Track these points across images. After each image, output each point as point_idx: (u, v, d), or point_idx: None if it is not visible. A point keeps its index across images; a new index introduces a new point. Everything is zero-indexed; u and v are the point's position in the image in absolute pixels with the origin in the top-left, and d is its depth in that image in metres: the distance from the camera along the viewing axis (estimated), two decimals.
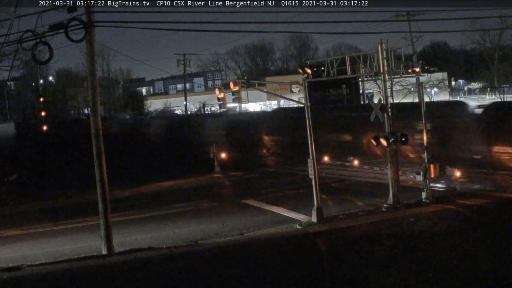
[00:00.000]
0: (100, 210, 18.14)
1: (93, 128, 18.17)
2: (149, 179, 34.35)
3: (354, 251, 17.06)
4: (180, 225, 22.01)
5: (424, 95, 26.89)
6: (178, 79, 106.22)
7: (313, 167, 20.94)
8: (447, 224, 19.17)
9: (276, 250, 17.87)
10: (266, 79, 79.55)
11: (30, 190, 32.65)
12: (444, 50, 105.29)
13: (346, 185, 28.76)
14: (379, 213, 21.66)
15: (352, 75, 24.95)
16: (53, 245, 19.74)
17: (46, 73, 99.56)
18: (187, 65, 76.24)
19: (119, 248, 18.28)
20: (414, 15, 56.59)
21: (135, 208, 25.96)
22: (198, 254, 17.71)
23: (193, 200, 27.37)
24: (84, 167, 31.31)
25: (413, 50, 62.70)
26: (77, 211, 26.03)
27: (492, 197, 22.75)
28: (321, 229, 19.74)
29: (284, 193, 27.69)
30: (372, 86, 64.00)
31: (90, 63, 18.27)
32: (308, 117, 21.27)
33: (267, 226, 20.82)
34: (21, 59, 37.14)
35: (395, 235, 18.37)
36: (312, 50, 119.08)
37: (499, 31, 71.79)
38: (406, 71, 23.62)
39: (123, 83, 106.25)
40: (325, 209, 21.17)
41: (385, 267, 15.36)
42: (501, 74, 74.15)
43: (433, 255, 16.10)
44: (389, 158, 22.47)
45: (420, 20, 56.79)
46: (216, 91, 23.92)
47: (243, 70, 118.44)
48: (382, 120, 22.36)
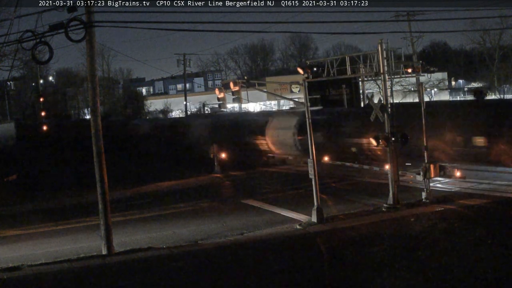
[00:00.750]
0: (100, 210, 18.15)
1: (93, 128, 18.18)
2: (149, 179, 34.39)
3: (354, 251, 17.04)
4: (180, 225, 22.01)
5: (424, 95, 26.87)
6: (178, 79, 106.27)
7: (313, 167, 20.94)
8: (447, 224, 19.16)
9: (276, 250, 17.86)
10: (266, 79, 79.56)
11: (30, 190, 32.68)
12: (444, 50, 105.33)
13: (346, 185, 28.76)
14: (379, 213, 21.66)
15: (352, 75, 24.98)
16: (53, 245, 19.75)
17: (46, 73, 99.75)
18: (187, 65, 76.29)
19: (119, 248, 18.28)
20: (414, 15, 56.67)
21: (135, 208, 25.98)
22: (198, 254, 17.71)
23: (193, 200, 27.38)
24: (84, 167, 31.38)
25: (413, 50, 62.78)
26: (77, 211, 26.06)
27: (492, 197, 22.76)
28: (321, 229, 19.75)
29: (284, 193, 27.70)
30: (372, 86, 64.02)
31: (90, 63, 18.28)
32: (308, 117, 21.26)
33: (267, 226, 20.83)
34: (21, 59, 37.26)
35: (395, 235, 18.37)
36: (312, 50, 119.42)
37: (499, 31, 71.82)
38: (406, 71, 23.63)
39: (123, 83, 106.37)
40: (325, 209, 21.18)
41: (385, 267, 15.34)
42: (501, 74, 74.14)
43: (433, 255, 16.08)
44: (389, 158, 22.48)
45: (420, 20, 56.95)
46: (216, 91, 23.93)
47: (243, 70, 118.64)
48: (382, 120, 22.36)
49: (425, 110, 23.47)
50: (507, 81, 74.53)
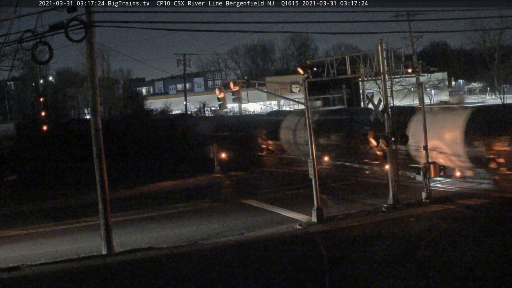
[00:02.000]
0: (100, 210, 18.13)
1: (93, 128, 18.16)
2: (149, 179, 34.37)
3: (354, 251, 17.04)
4: (180, 225, 22.00)
5: (424, 95, 26.87)
6: (178, 79, 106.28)
7: (313, 167, 20.94)
8: (447, 224, 19.16)
9: (276, 250, 17.87)
10: (266, 79, 79.64)
11: (30, 190, 32.69)
12: (444, 50, 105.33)
13: (346, 185, 28.76)
14: (379, 213, 21.65)
15: (352, 75, 24.96)
16: (53, 245, 19.73)
17: (46, 73, 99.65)
18: (187, 65, 76.28)
19: (119, 248, 18.27)
20: (414, 15, 56.63)
21: (135, 208, 25.96)
22: (198, 254, 17.70)
23: (193, 200, 27.38)
24: (84, 167, 31.36)
25: (413, 50, 62.78)
26: (77, 211, 26.04)
27: (492, 197, 22.77)
28: (321, 229, 19.74)
29: (284, 193, 27.69)
30: (372, 86, 64.04)
31: (90, 63, 18.27)
32: (308, 117, 21.27)
33: (267, 226, 20.82)
34: (21, 59, 37.32)
35: (395, 235, 18.37)
36: (312, 50, 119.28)
37: (499, 31, 71.75)
38: (406, 71, 23.62)
39: (123, 83, 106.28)
40: (325, 209, 21.16)
41: (385, 267, 15.35)
42: (501, 74, 74.12)
43: (433, 255, 16.09)
44: (389, 158, 22.48)
45: (420, 20, 56.94)
46: (216, 91, 23.90)
47: (243, 70, 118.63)
48: (382, 120, 22.37)
49: (424, 111, 23.50)
50: (507, 81, 74.54)
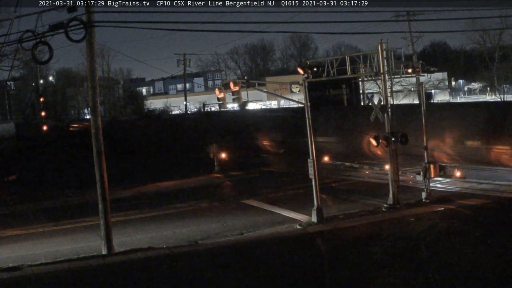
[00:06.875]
0: (100, 210, 18.13)
1: (93, 128, 18.16)
2: (149, 179, 34.36)
3: (354, 251, 17.05)
4: (180, 225, 22.00)
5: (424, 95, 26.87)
6: (178, 79, 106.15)
7: (313, 167, 20.93)
8: (447, 224, 19.15)
9: (276, 250, 17.87)
10: (266, 79, 79.56)
11: (30, 190, 32.67)
12: (444, 50, 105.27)
13: (346, 185, 28.76)
14: (379, 213, 21.65)
15: (352, 75, 24.94)
16: (53, 245, 19.74)
17: (46, 73, 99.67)
18: (187, 65, 76.29)
19: (119, 248, 18.26)
20: (414, 15, 56.66)
21: (135, 208, 25.96)
22: (198, 254, 17.70)
23: (193, 200, 27.37)
24: (84, 167, 31.34)
25: (413, 50, 62.80)
26: (77, 211, 26.04)
27: (492, 197, 22.77)
28: (321, 229, 19.74)
29: (284, 193, 27.69)
30: (372, 86, 64.01)
31: (90, 63, 18.27)
32: (308, 117, 21.26)
33: (267, 226, 20.82)
34: (21, 59, 37.32)
35: (395, 235, 18.36)
36: (312, 50, 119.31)
37: (499, 31, 71.67)
38: (406, 71, 23.62)
39: (123, 83, 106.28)
40: (325, 209, 21.17)
41: (385, 267, 15.36)
42: (501, 74, 74.05)
43: (433, 255, 16.10)
44: (389, 158, 22.47)
45: (420, 20, 56.93)
46: (216, 91, 23.91)
47: (243, 70, 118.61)
48: (382, 120, 22.36)
49: (425, 111, 23.51)
50: (507, 81, 74.48)
